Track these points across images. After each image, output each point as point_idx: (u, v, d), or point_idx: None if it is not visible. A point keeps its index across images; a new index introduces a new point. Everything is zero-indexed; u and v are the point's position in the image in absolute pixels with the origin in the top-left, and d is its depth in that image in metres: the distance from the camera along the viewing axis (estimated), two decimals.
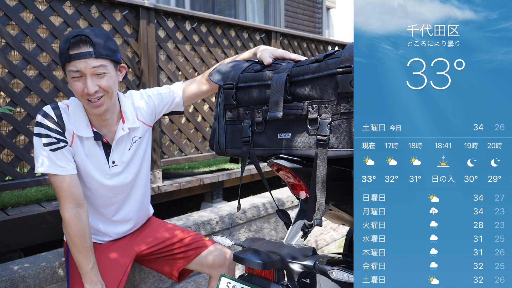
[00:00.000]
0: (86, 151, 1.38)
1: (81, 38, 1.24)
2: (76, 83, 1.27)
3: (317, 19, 7.12)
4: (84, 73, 1.25)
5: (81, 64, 1.24)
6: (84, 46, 1.24)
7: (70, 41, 1.23)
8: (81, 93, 1.28)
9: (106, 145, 1.42)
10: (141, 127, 1.50)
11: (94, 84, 1.26)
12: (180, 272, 1.67)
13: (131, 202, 1.55)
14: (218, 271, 1.60)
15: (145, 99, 1.53)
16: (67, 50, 1.24)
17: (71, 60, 1.24)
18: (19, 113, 2.02)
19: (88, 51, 1.24)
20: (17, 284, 1.53)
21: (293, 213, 2.83)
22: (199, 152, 2.87)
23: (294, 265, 1.00)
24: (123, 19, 2.35)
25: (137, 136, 1.49)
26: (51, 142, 1.30)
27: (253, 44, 3.25)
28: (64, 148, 1.32)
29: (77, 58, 1.24)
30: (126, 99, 1.50)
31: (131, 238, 1.62)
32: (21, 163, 2.05)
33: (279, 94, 1.07)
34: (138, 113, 1.50)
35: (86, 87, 1.26)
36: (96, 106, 1.30)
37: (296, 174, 1.10)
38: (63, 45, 1.25)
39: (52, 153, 1.30)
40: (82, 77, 1.26)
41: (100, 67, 1.26)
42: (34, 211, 1.93)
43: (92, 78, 1.26)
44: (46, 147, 1.30)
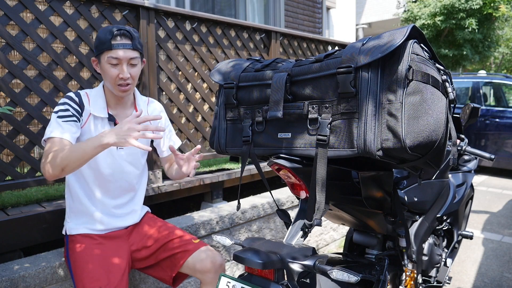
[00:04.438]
0: (98, 131, 1.55)
1: (123, 32, 1.49)
2: (112, 69, 1.49)
3: (317, 19, 7.12)
4: (121, 61, 1.49)
5: (121, 53, 1.48)
6: (125, 39, 1.49)
7: (114, 33, 1.47)
8: (114, 78, 1.50)
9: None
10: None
11: (128, 72, 1.50)
12: (176, 276, 1.67)
13: (125, 184, 1.67)
14: (206, 276, 1.60)
15: (160, 111, 1.79)
16: (109, 40, 1.46)
17: (113, 49, 1.47)
18: (19, 113, 2.02)
19: (128, 43, 1.49)
20: (17, 284, 1.53)
21: (293, 213, 2.84)
22: (199, 152, 2.86)
23: (294, 265, 1.00)
24: (123, 19, 2.35)
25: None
26: (66, 115, 1.48)
27: (253, 44, 3.25)
28: (74, 122, 1.49)
29: (119, 48, 1.47)
30: (140, 95, 1.73)
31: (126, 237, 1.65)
32: (21, 163, 2.05)
33: (280, 93, 1.07)
34: (150, 113, 1.73)
35: (121, 72, 1.49)
36: (124, 91, 1.54)
37: (296, 174, 1.10)
38: (104, 35, 1.47)
39: (63, 122, 1.46)
40: (119, 64, 1.49)
41: (135, 58, 1.52)
42: (34, 211, 1.93)
43: (127, 66, 1.50)
44: (59, 119, 1.46)
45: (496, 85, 6.48)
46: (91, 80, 2.24)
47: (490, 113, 6.13)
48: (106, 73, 1.50)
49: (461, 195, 2.29)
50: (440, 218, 2.08)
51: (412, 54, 0.94)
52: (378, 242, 1.64)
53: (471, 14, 9.03)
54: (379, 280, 1.38)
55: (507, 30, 12.01)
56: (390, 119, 0.92)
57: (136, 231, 1.70)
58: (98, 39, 1.49)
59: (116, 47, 1.46)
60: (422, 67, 0.96)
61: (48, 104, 2.07)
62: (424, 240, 1.86)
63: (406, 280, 1.68)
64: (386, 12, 14.37)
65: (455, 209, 2.20)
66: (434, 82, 0.98)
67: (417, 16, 9.75)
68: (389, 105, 0.93)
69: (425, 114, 0.94)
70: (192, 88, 2.80)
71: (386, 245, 1.70)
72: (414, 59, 0.95)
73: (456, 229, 2.28)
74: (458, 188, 2.31)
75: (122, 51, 1.47)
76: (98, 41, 1.50)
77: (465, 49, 9.37)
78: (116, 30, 1.47)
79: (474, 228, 3.87)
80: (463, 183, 2.38)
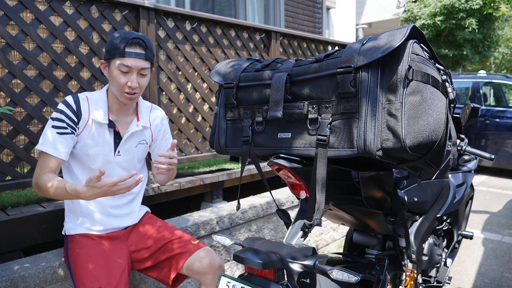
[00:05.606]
0: (95, 137, 1.53)
1: (138, 41, 1.46)
2: (122, 76, 1.47)
3: (317, 19, 7.12)
4: (132, 70, 1.46)
5: (133, 61, 1.45)
6: (139, 48, 1.46)
7: (129, 41, 1.44)
8: (122, 85, 1.47)
9: (117, 135, 1.58)
10: (149, 133, 1.68)
11: (136, 81, 1.48)
12: (176, 277, 1.66)
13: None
14: (205, 278, 1.60)
15: (162, 118, 1.74)
16: (124, 47, 1.44)
17: (125, 56, 1.44)
18: (19, 113, 2.02)
19: (142, 52, 1.47)
20: (17, 284, 1.53)
21: (293, 213, 2.84)
22: (199, 152, 2.86)
23: (294, 265, 1.00)
24: (123, 19, 2.35)
25: (144, 140, 1.67)
26: (61, 126, 1.46)
27: (253, 44, 3.24)
28: (69, 135, 1.47)
29: (131, 56, 1.45)
30: (143, 101, 1.69)
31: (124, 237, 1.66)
32: (21, 163, 2.05)
33: (280, 93, 1.07)
34: (152, 121, 1.69)
35: (130, 81, 1.47)
36: (130, 99, 1.51)
37: (296, 174, 1.10)
38: (119, 42, 1.44)
39: (57, 135, 1.44)
40: (129, 73, 1.47)
41: (146, 68, 1.50)
42: (34, 211, 1.93)
43: (137, 75, 1.48)
44: (53, 129, 1.45)
45: (496, 85, 6.48)
46: (91, 80, 2.24)
47: (490, 113, 6.13)
48: (115, 79, 1.47)
49: (461, 195, 2.29)
50: (440, 218, 2.08)
51: (412, 54, 0.94)
52: (378, 242, 1.64)
53: (471, 14, 9.03)
54: (379, 280, 1.38)
55: (507, 30, 12.01)
56: (390, 119, 0.92)
57: (136, 231, 1.69)
58: (111, 43, 1.46)
59: (129, 55, 1.44)
60: (422, 67, 0.96)
61: (48, 104, 2.07)
62: (424, 240, 1.86)
63: (406, 280, 1.68)
64: (386, 12, 14.37)
65: (455, 209, 2.20)
66: (434, 82, 0.98)
67: (417, 16, 9.76)
68: (389, 105, 0.93)
69: (425, 114, 0.94)
70: (192, 88, 2.80)
71: (386, 245, 1.70)
72: (414, 59, 0.95)
73: (456, 229, 2.28)
74: (458, 188, 2.31)
75: (134, 60, 1.45)
76: (111, 45, 1.46)
77: (465, 49, 9.37)
78: (131, 38, 1.44)
79: (474, 228, 3.87)
80: (463, 183, 2.38)
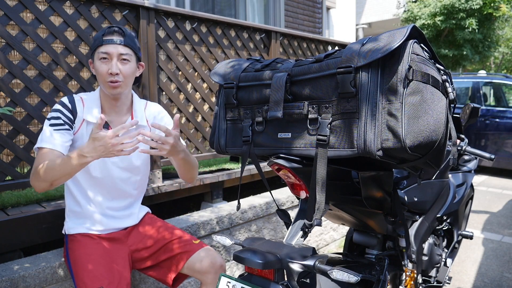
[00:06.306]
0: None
1: (116, 29, 1.50)
2: (103, 65, 1.47)
3: (317, 19, 7.12)
4: (111, 56, 1.47)
5: (111, 48, 1.47)
6: (117, 35, 1.49)
7: (106, 30, 1.48)
8: (105, 74, 1.47)
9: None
10: (147, 131, 1.61)
11: (117, 67, 1.47)
12: (176, 277, 1.66)
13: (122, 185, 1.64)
14: (206, 277, 1.60)
15: (159, 112, 1.71)
16: (101, 36, 1.47)
17: (103, 44, 1.46)
18: (19, 113, 2.02)
19: (120, 38, 1.48)
20: (17, 284, 1.53)
21: (293, 213, 2.84)
22: (199, 152, 2.86)
23: (294, 265, 1.00)
24: (123, 19, 2.35)
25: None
26: (57, 124, 1.47)
27: (253, 44, 3.24)
28: (66, 131, 1.48)
29: (109, 43, 1.47)
30: (139, 100, 1.68)
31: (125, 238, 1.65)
32: (21, 163, 2.05)
33: (280, 93, 1.07)
34: (148, 117, 1.67)
35: (110, 68, 1.46)
36: (114, 87, 1.49)
37: (296, 174, 1.10)
38: (98, 33, 1.49)
39: (54, 131, 1.45)
40: (109, 60, 1.47)
41: (126, 54, 1.49)
42: (34, 211, 1.93)
43: (117, 61, 1.48)
44: (51, 127, 1.46)
45: (496, 85, 6.48)
46: (91, 80, 2.24)
47: (490, 113, 6.13)
48: (97, 70, 1.49)
49: (461, 195, 2.29)
50: (440, 218, 2.08)
51: (412, 54, 0.94)
52: (378, 242, 1.64)
53: (471, 14, 9.03)
54: (379, 280, 1.38)
55: (507, 30, 12.02)
56: (390, 119, 0.92)
57: (136, 231, 1.69)
58: (93, 39, 1.52)
59: (107, 42, 1.46)
60: (422, 67, 0.96)
61: (48, 104, 2.07)
62: (424, 240, 1.86)
63: (406, 280, 1.67)
64: (386, 12, 14.37)
65: (455, 209, 2.20)
66: (434, 82, 0.98)
67: (417, 16, 9.76)
68: (389, 105, 0.93)
69: (425, 114, 0.94)
70: (192, 88, 2.80)
71: (386, 245, 1.70)
72: (414, 59, 0.95)
73: (456, 229, 2.28)
74: (458, 188, 2.31)
75: (113, 46, 1.47)
76: (93, 40, 1.52)
77: (465, 49, 9.37)
78: (108, 27, 1.50)
79: (474, 228, 3.87)
80: (463, 183, 2.38)
